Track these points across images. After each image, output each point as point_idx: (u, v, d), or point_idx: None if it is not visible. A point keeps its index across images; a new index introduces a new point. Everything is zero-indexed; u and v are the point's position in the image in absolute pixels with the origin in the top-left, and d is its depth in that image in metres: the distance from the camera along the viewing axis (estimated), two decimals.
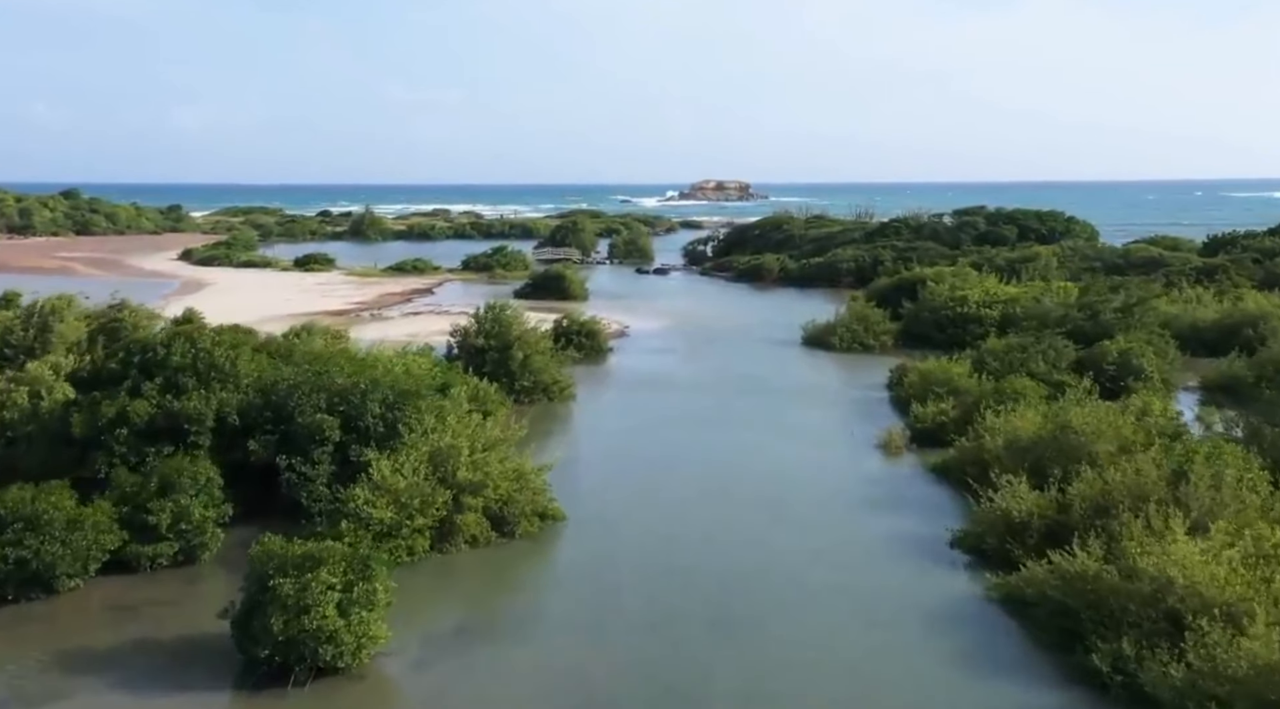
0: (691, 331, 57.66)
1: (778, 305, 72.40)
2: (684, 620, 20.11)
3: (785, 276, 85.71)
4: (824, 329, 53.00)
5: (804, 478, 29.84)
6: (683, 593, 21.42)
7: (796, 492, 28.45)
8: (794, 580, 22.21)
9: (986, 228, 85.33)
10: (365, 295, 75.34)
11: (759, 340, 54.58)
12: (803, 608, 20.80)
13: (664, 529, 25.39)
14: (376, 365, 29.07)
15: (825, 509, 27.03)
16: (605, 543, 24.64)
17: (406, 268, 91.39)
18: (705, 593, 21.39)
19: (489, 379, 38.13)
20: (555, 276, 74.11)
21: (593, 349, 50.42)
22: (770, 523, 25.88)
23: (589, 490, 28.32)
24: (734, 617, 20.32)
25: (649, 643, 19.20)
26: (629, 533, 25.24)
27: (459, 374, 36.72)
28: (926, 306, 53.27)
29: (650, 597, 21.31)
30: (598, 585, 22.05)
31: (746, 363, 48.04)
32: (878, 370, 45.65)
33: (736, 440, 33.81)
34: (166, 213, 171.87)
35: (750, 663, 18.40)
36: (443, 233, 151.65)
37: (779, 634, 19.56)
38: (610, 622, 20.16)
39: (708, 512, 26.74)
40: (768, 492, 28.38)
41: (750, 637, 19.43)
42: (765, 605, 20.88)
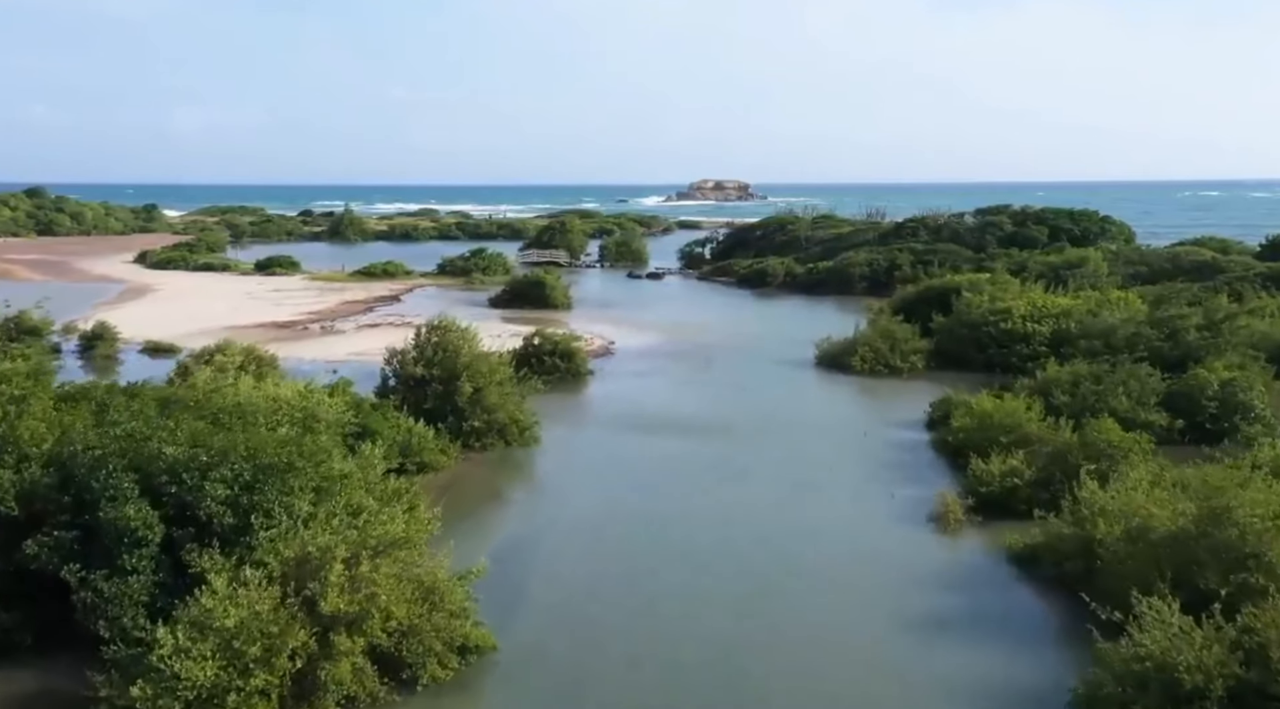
0: (687, 349, 49.66)
1: (784, 316, 64.46)
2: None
3: (791, 282, 77.78)
4: (842, 347, 45.04)
5: (839, 572, 21.82)
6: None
7: (830, 599, 20.45)
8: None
9: (1013, 229, 77.43)
10: (323, 304, 67.36)
11: (765, 360, 46.58)
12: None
13: (646, 669, 17.43)
14: (249, 416, 20.98)
15: (872, 630, 19.04)
16: (556, 693, 16.70)
17: (376, 272, 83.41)
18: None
19: (430, 420, 30.31)
20: (534, 283, 66.14)
21: (570, 373, 42.49)
22: (798, 652, 17.95)
23: (540, 594, 20.36)
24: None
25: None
26: (593, 670, 17.30)
27: (387, 416, 28.82)
28: (962, 321, 45.31)
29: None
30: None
31: (752, 391, 40.03)
32: (911, 401, 37.76)
33: (744, 510, 25.77)
34: (138, 213, 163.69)
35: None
36: (426, 234, 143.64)
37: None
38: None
39: (705, 632, 18.77)
40: (791, 599, 20.39)
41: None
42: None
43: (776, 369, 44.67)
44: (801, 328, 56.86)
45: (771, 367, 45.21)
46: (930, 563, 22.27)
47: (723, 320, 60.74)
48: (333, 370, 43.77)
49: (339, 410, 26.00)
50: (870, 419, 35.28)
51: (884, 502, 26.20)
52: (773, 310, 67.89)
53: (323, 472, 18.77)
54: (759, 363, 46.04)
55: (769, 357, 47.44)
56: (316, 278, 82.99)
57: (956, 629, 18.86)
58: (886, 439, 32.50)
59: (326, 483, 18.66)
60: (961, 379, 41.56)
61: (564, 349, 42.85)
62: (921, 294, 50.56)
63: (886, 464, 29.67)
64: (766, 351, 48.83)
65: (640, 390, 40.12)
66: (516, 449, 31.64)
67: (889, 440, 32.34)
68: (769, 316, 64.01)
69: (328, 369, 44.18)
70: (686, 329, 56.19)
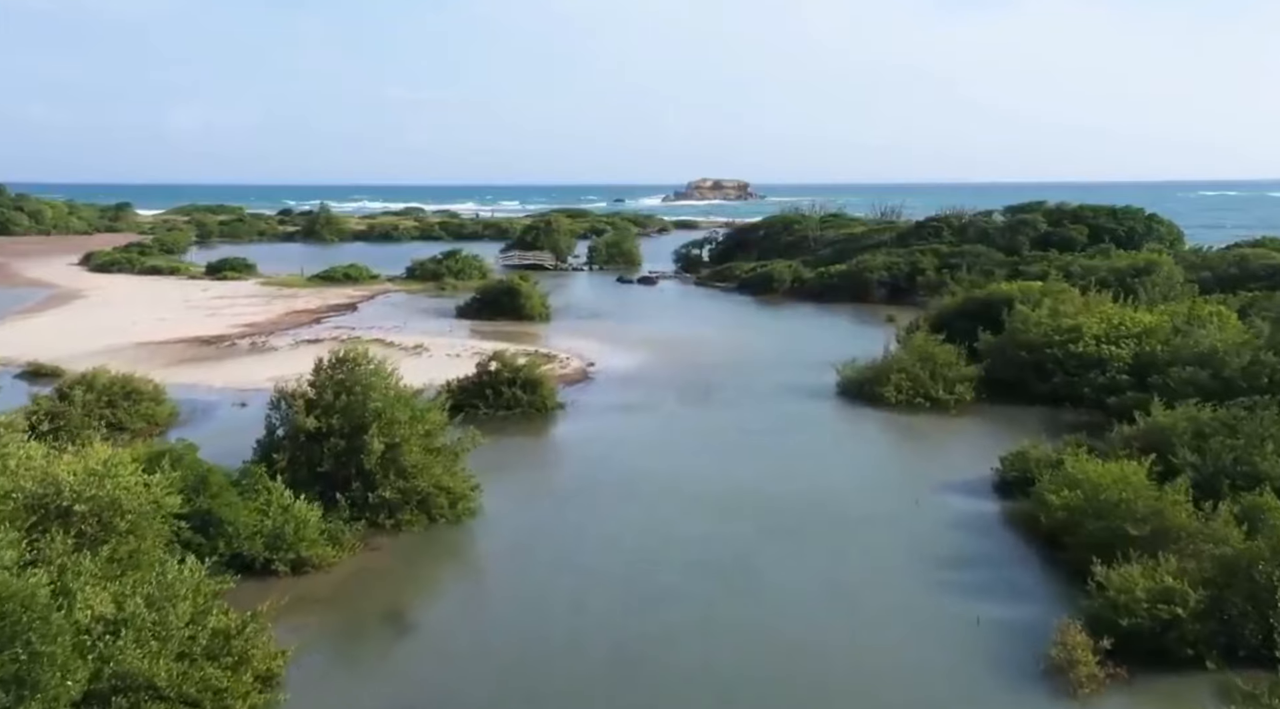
0: (681, 373, 41.23)
1: (794, 328, 56.10)
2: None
3: (799, 288, 69.39)
4: (870, 372, 36.68)
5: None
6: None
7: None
8: None
9: (1048, 228, 69.01)
10: (266, 313, 58.95)
11: (776, 388, 38.17)
12: None
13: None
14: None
15: None
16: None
17: (336, 276, 74.95)
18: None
19: (327, 489, 22.06)
20: (507, 290, 57.72)
21: (534, 407, 34.12)
22: None
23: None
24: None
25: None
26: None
27: (257, 488, 20.53)
28: (1018, 341, 36.96)
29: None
30: None
31: (762, 435, 31.52)
32: (967, 449, 29.52)
33: (755, 654, 17.25)
34: (106, 212, 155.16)
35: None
36: (408, 234, 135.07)
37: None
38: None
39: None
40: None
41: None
42: None
43: (790, 400, 36.26)
44: (815, 343, 48.59)
45: (784, 397, 36.79)
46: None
47: (723, 334, 52.31)
48: (240, 404, 35.54)
49: (163, 492, 17.55)
50: (919, 479, 26.82)
51: (960, 629, 17.78)
52: (780, 321, 59.49)
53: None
54: (768, 391, 37.62)
55: (780, 382, 39.04)
56: (270, 283, 74.58)
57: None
58: (945, 512, 24.07)
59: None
60: (1024, 416, 33.34)
61: (527, 377, 34.43)
62: (963, 307, 42.14)
63: (953, 557, 21.24)
64: (776, 375, 40.44)
65: (620, 434, 31.58)
66: (445, 527, 23.22)
67: (949, 514, 23.91)
68: (776, 329, 55.60)
69: (236, 400, 36.01)
70: (681, 346, 47.77)
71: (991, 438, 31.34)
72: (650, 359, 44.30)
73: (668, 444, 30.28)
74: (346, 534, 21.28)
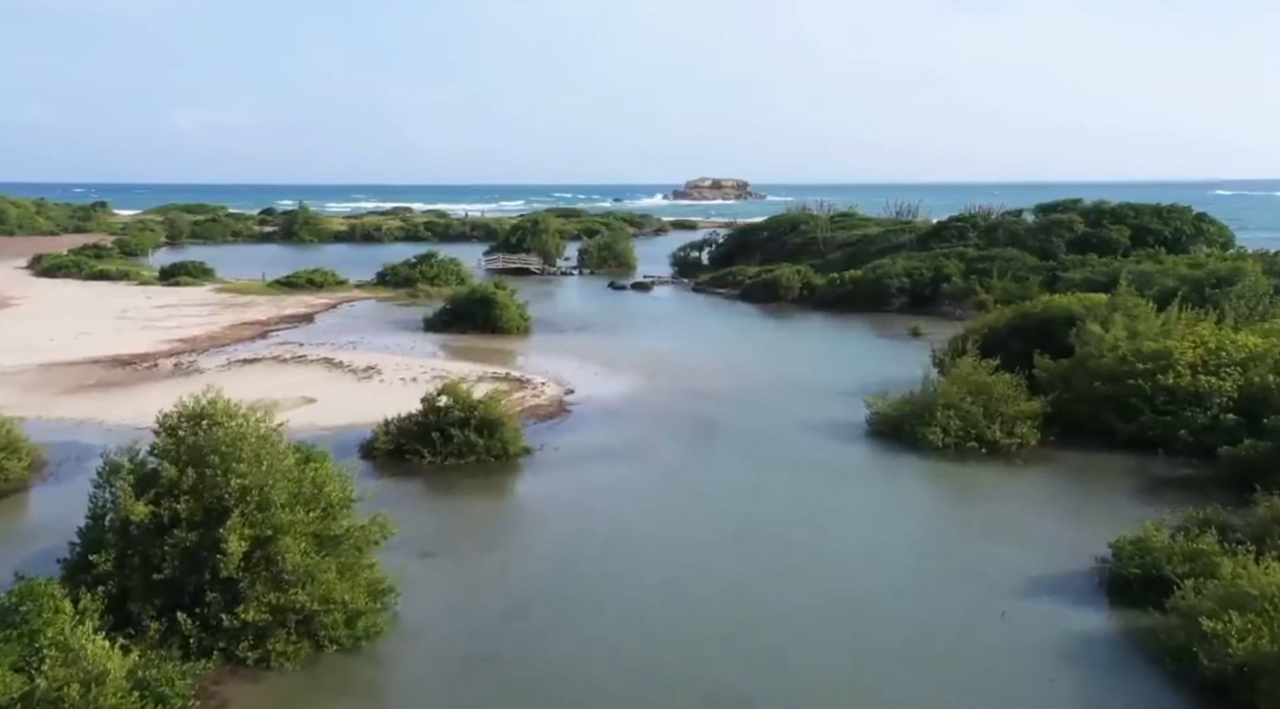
0: (678, 404, 34.37)
1: (806, 345, 49.22)
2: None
3: (809, 296, 62.58)
4: (908, 407, 29.84)
5: None
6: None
7: None
8: None
9: (1086, 229, 62.15)
10: (208, 326, 52.04)
11: (793, 425, 31.33)
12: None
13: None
14: None
15: None
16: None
17: (299, 282, 68.03)
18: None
19: (168, 606, 15.30)
20: (481, 300, 50.79)
21: (492, 453, 27.27)
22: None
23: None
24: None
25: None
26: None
27: (39, 611, 13.69)
28: (1090, 369, 30.12)
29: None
30: None
31: (781, 499, 24.60)
32: (1048, 518, 22.78)
33: None
34: (76, 212, 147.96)
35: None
36: (391, 235, 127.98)
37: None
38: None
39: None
40: None
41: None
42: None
43: (811, 444, 29.40)
44: (832, 364, 41.81)
45: (802, 439, 29.92)
46: None
47: (725, 352, 45.42)
48: (131, 449, 28.57)
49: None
50: (994, 568, 19.95)
51: None
52: (790, 336, 52.60)
53: None
54: (783, 431, 30.74)
55: (796, 417, 32.20)
56: (226, 289, 67.65)
57: None
58: (1043, 631, 17.16)
59: None
60: (1106, 466, 26.61)
61: (485, 417, 27.55)
62: (1015, 324, 35.23)
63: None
64: (791, 407, 33.62)
65: (599, 501, 24.57)
66: (336, 659, 16.32)
67: (1049, 636, 16.98)
68: (786, 345, 48.69)
69: (129, 442, 29.03)
70: (677, 367, 40.91)
71: (1075, 499, 24.62)
72: (641, 385, 37.42)
73: (661, 520, 23.24)
74: (180, 682, 14.39)
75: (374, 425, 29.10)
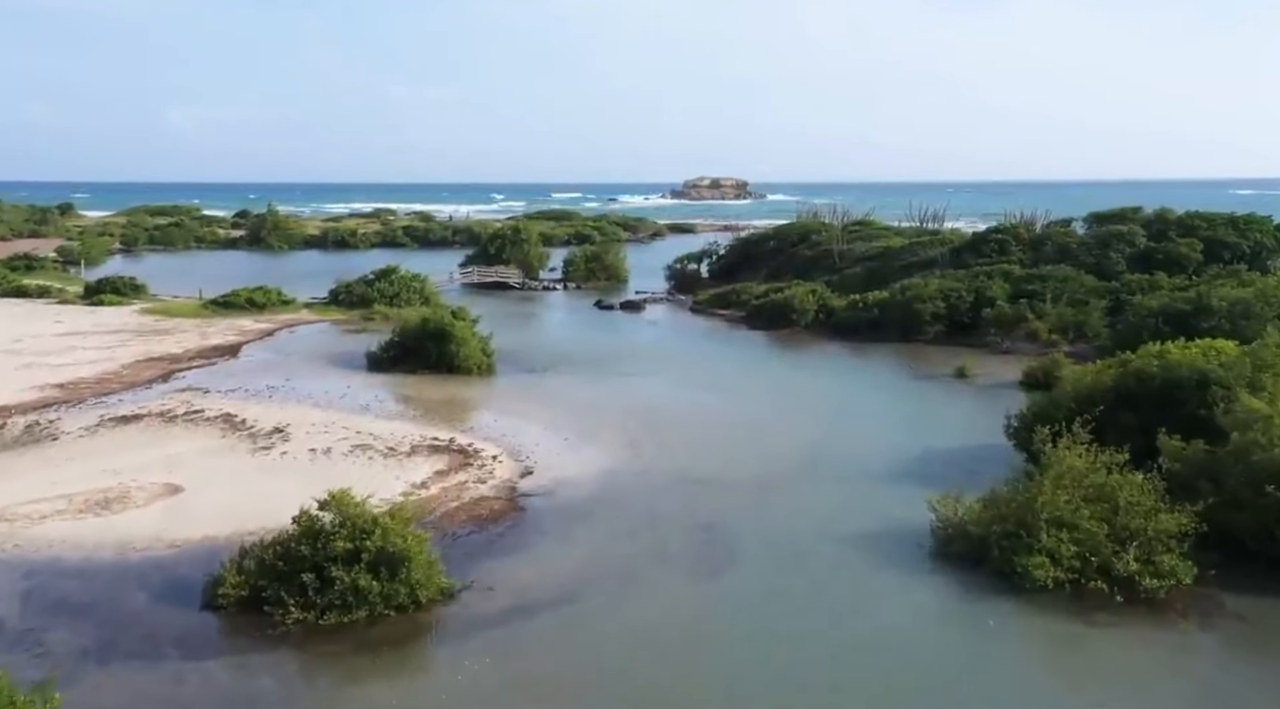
0: (670, 499, 25.47)
1: (830, 391, 40.16)
2: None
3: (826, 320, 53.76)
4: (991, 517, 21.04)
5: None
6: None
7: None
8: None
9: (1149, 243, 53.32)
10: (107, 363, 43.10)
11: (829, 541, 22.43)
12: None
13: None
14: None
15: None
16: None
17: (239, 302, 59.09)
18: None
19: None
20: (435, 334, 41.85)
21: (393, 604, 18.43)
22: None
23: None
24: None
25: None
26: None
27: None
28: (1257, 465, 21.28)
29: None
30: None
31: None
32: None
33: None
34: (35, 214, 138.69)
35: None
36: (366, 241, 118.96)
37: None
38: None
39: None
40: None
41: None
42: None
43: (856, 575, 20.56)
44: (868, 423, 33.05)
45: (847, 566, 21.05)
46: None
47: (731, 406, 36.51)
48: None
49: None
50: None
51: None
52: (808, 377, 43.64)
53: None
54: (817, 551, 21.84)
55: (832, 521, 23.37)
56: (153, 310, 58.71)
57: None
58: None
59: None
60: None
61: (383, 548, 18.66)
62: (1122, 387, 26.28)
63: None
64: (823, 503, 24.80)
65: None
66: None
67: None
68: (805, 392, 39.70)
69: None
70: (670, 431, 32.03)
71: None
72: (622, 462, 28.54)
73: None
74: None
75: (253, 536, 20.50)
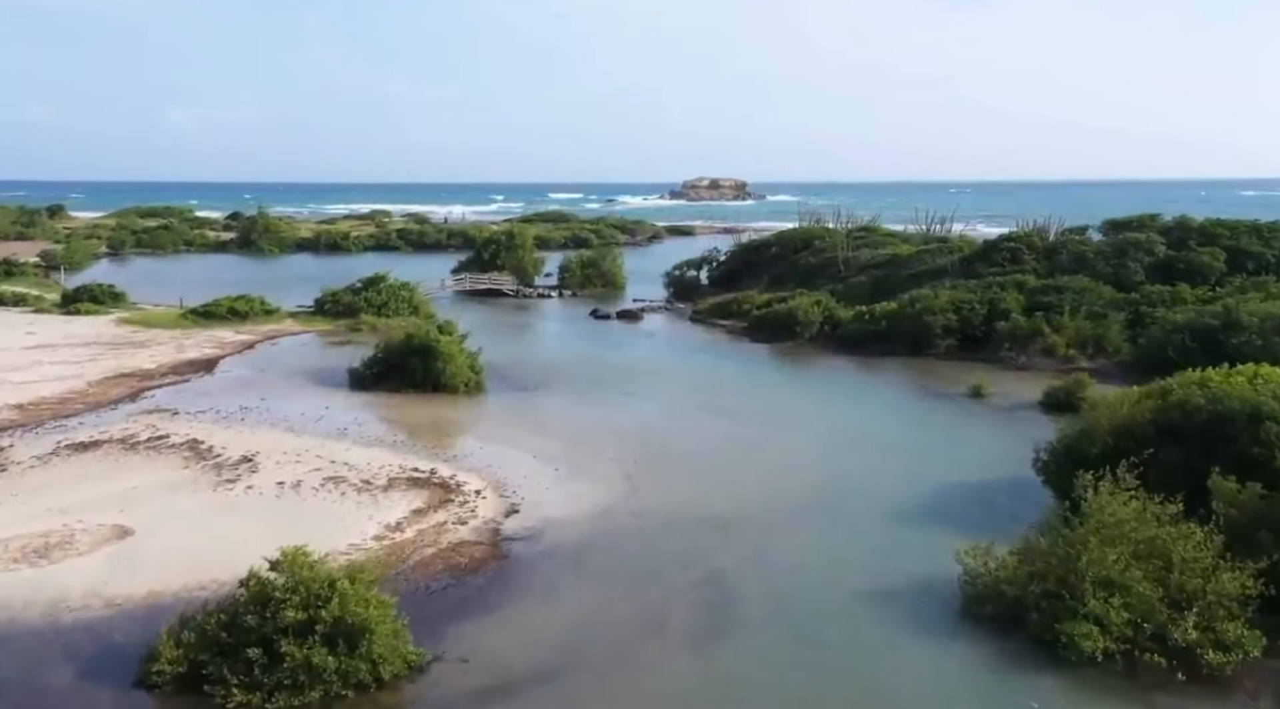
0: (670, 544, 23.18)
1: (838, 411, 37.78)
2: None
3: (832, 333, 51.48)
4: (1032, 578, 18.75)
5: None
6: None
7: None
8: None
9: (1169, 252, 51.05)
10: (74, 379, 40.78)
11: (847, 597, 20.12)
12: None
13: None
14: None
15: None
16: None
17: (220, 312, 56.77)
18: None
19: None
20: (420, 350, 39.55)
21: (351, 682, 16.12)
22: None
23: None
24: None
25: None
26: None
27: None
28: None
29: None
30: None
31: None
32: None
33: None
34: (24, 215, 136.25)
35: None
36: (360, 244, 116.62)
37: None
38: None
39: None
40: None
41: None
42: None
43: (878, 644, 18.26)
44: (881, 449, 30.79)
45: (863, 633, 18.76)
46: None
47: (732, 429, 34.20)
48: None
49: None
50: None
51: None
52: (815, 396, 41.32)
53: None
54: (833, 612, 19.53)
55: (849, 573, 21.10)
56: (130, 321, 56.37)
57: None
58: None
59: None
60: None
61: (339, 619, 16.36)
62: (1162, 419, 23.96)
63: None
64: (838, 551, 22.54)
65: None
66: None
67: None
68: (812, 414, 37.35)
69: None
70: (670, 462, 29.75)
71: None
72: (618, 498, 26.24)
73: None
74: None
75: (203, 591, 18.36)
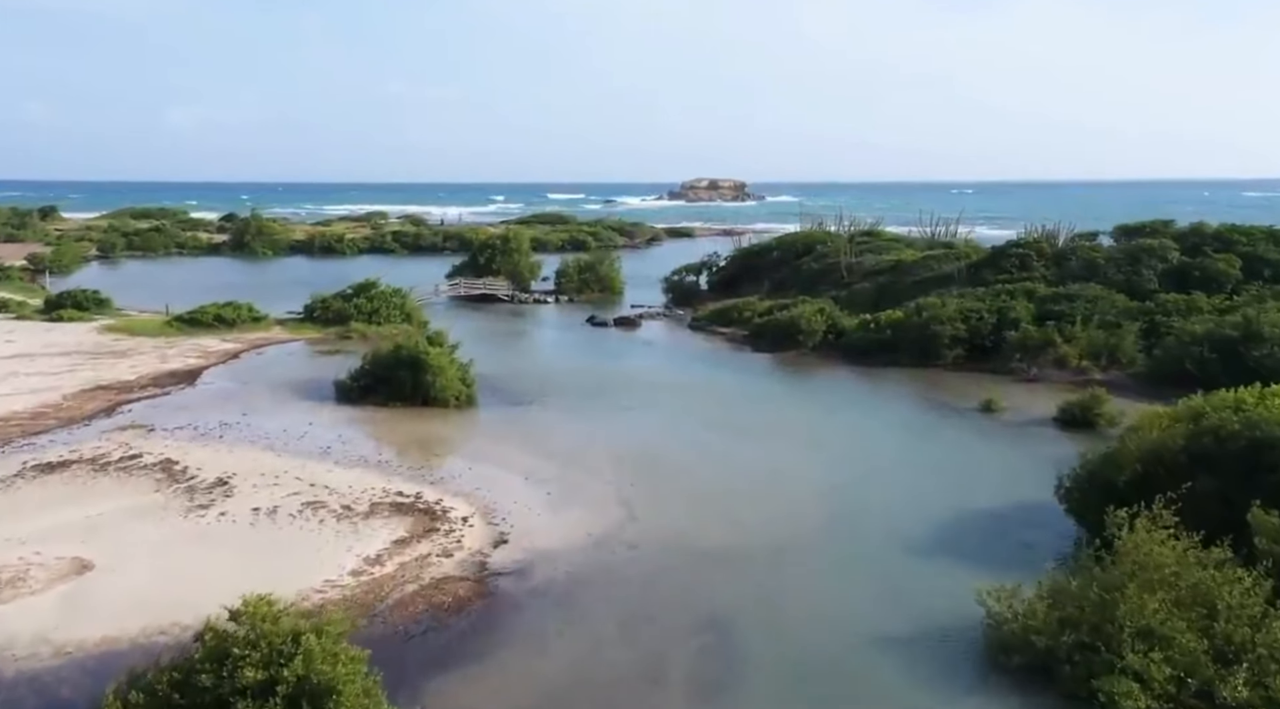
0: (670, 582, 21.64)
1: (843, 426, 36.22)
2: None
3: (835, 342, 49.91)
4: (1062, 626, 17.22)
5: None
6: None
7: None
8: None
9: (1183, 259, 49.54)
10: (53, 391, 39.22)
11: (861, 643, 18.57)
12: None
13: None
14: None
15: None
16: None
17: (206, 319, 55.18)
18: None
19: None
20: (409, 362, 37.99)
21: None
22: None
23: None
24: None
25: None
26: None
27: None
28: None
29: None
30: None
31: None
32: None
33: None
34: (14, 216, 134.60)
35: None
36: (354, 247, 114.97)
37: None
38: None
39: None
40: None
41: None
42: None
43: (904, 705, 16.71)
44: (890, 469, 29.27)
45: (888, 689, 17.21)
46: None
47: (734, 449, 32.64)
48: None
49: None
50: None
51: None
52: (819, 410, 39.74)
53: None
54: (845, 664, 18.00)
55: (860, 617, 19.57)
56: (114, 328, 54.79)
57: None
58: None
59: None
60: None
61: (310, 680, 14.77)
62: (1195, 446, 22.42)
63: None
64: (848, 588, 20.99)
65: None
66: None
67: None
68: (816, 429, 35.81)
69: None
70: (670, 486, 28.20)
71: None
72: (614, 527, 24.69)
73: None
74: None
75: (164, 636, 16.88)
